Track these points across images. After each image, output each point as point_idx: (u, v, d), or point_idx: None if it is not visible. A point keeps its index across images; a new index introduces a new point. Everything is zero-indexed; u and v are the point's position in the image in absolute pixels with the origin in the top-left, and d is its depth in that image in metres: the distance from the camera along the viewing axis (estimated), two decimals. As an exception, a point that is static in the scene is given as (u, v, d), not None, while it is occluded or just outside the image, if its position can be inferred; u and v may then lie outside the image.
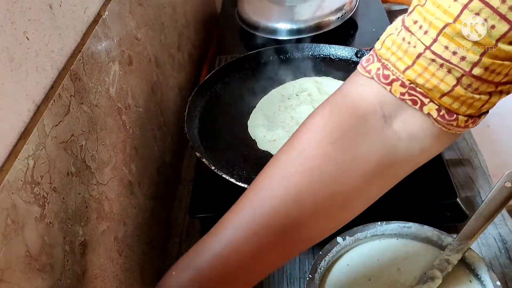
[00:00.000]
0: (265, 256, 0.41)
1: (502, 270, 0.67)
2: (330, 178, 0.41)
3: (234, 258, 0.40)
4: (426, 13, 0.38)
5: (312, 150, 0.41)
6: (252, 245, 0.40)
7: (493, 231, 0.72)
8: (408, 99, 0.39)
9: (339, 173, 0.41)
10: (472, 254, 0.58)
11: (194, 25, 1.07)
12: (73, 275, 0.48)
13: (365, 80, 0.42)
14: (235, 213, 0.43)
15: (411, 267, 0.60)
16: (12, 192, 0.40)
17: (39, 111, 0.45)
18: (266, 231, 0.40)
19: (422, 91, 0.39)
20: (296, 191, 0.40)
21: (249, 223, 0.41)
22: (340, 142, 0.41)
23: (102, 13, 0.60)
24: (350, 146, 0.41)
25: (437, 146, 0.44)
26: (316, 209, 0.41)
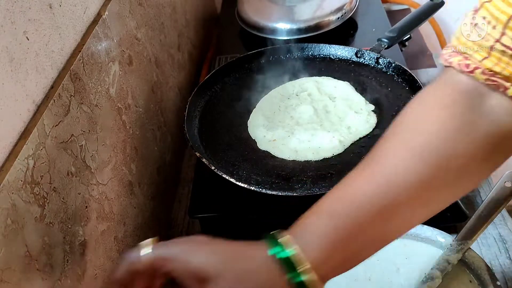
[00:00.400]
0: (401, 210, 0.43)
1: (502, 270, 0.67)
2: (448, 140, 0.43)
3: (370, 208, 0.42)
4: (493, 8, 0.41)
5: (427, 116, 0.44)
6: (388, 199, 0.42)
7: (493, 231, 0.72)
8: (491, 84, 0.42)
9: (456, 136, 0.43)
10: (472, 254, 0.58)
11: (194, 25, 1.07)
12: (73, 275, 0.48)
13: (451, 71, 0.45)
14: (363, 175, 0.44)
15: (411, 267, 0.60)
16: (12, 192, 0.40)
17: (39, 111, 0.45)
18: (400, 187, 0.42)
19: (502, 77, 0.42)
20: (421, 150, 0.42)
21: (383, 179, 0.42)
22: (451, 109, 0.43)
23: (102, 13, 0.60)
24: (460, 113, 0.43)
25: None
26: (439, 165, 0.43)
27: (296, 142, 0.73)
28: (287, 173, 0.69)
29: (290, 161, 0.71)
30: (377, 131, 0.73)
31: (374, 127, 0.74)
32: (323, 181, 0.66)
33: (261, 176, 0.68)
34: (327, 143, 0.72)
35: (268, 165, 0.70)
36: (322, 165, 0.70)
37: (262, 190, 0.64)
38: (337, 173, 0.67)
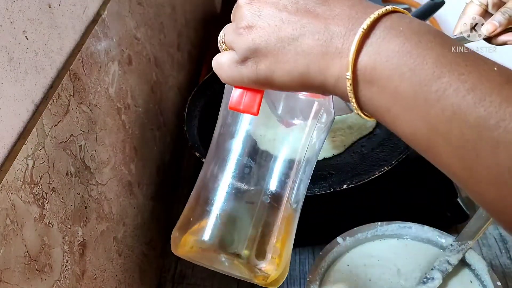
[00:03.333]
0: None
1: (503, 270, 0.67)
2: None
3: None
4: None
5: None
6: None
7: (493, 231, 0.72)
8: None
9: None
10: (473, 254, 0.58)
11: (194, 24, 1.07)
12: (72, 276, 0.48)
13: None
14: None
15: (412, 268, 0.60)
16: (11, 192, 0.39)
17: (38, 111, 0.45)
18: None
19: None
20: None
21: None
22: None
23: (101, 13, 0.60)
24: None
25: None
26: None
27: (296, 142, 0.72)
28: (287, 173, 0.68)
29: (290, 161, 0.71)
30: (377, 131, 0.73)
31: (374, 127, 0.74)
32: (323, 181, 0.66)
33: (261, 176, 0.68)
34: (327, 143, 0.72)
35: (268, 165, 0.70)
36: (322, 165, 0.69)
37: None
38: (337, 173, 0.67)
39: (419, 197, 0.70)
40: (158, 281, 0.73)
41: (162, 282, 0.73)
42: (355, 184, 0.63)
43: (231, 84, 0.39)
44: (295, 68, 0.33)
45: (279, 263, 0.44)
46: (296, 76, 0.34)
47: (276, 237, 0.43)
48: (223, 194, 0.44)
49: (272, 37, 0.34)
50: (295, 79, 0.34)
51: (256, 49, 0.34)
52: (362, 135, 0.73)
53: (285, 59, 0.33)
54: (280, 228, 0.44)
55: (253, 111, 0.39)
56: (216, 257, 0.43)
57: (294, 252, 0.73)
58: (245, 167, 0.44)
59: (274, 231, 0.43)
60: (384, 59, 0.30)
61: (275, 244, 0.43)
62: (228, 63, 0.37)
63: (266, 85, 0.36)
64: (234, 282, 0.71)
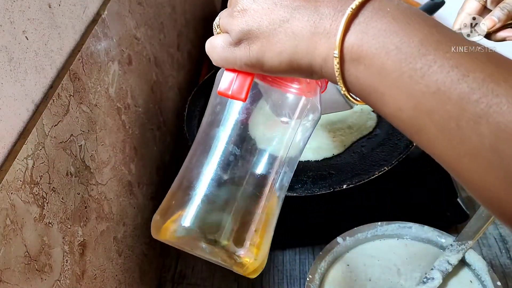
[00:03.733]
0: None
1: (503, 270, 0.67)
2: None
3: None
4: None
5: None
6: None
7: (493, 231, 0.72)
8: None
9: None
10: (473, 254, 0.58)
11: (194, 24, 1.07)
12: (72, 276, 0.48)
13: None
14: None
15: (412, 268, 0.60)
16: (11, 192, 0.39)
17: (38, 111, 0.45)
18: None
19: None
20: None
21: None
22: None
23: (101, 13, 0.60)
24: None
25: None
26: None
27: (296, 142, 0.72)
28: (287, 173, 0.69)
29: (290, 161, 0.71)
30: (377, 131, 0.73)
31: (374, 127, 0.74)
32: (323, 181, 0.66)
33: (261, 176, 0.68)
34: (327, 143, 0.72)
35: (268, 165, 0.70)
36: (322, 165, 0.69)
37: (262, 190, 0.64)
38: (337, 173, 0.67)
39: (419, 197, 0.70)
40: (158, 281, 0.73)
41: (162, 282, 0.73)
42: (355, 184, 0.63)
43: (223, 66, 0.40)
44: (284, 50, 0.34)
45: (258, 252, 0.44)
46: (285, 57, 0.34)
47: (256, 226, 0.43)
48: (206, 180, 0.44)
49: (264, 19, 0.35)
50: (284, 61, 0.35)
51: (249, 30, 0.35)
52: (362, 135, 0.73)
53: (275, 40, 0.34)
54: (260, 217, 0.44)
55: (241, 97, 0.40)
56: (197, 243, 0.43)
57: (294, 252, 0.73)
58: (230, 154, 0.44)
59: (254, 219, 0.43)
60: (371, 38, 0.31)
61: (255, 233, 0.43)
62: (221, 45, 0.38)
63: (257, 67, 0.37)
64: (234, 282, 0.71)
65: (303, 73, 0.36)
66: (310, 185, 0.65)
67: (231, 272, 0.72)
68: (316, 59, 0.33)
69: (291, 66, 0.35)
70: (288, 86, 0.43)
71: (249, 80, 0.40)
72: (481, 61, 0.28)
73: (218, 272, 0.73)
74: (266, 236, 0.45)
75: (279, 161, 0.45)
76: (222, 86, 0.40)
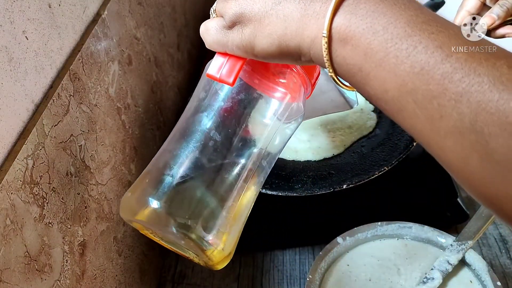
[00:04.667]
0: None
1: (503, 270, 0.67)
2: None
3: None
4: None
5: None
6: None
7: (493, 231, 0.72)
8: None
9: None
10: (473, 254, 0.58)
11: (194, 24, 1.07)
12: (72, 276, 0.48)
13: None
14: None
15: (411, 268, 0.60)
16: (11, 192, 0.39)
17: (38, 111, 0.45)
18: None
19: None
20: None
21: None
22: None
23: (101, 13, 0.60)
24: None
25: None
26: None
27: (296, 142, 0.72)
28: (287, 173, 0.68)
29: (290, 161, 0.71)
30: (377, 131, 0.73)
31: (374, 127, 0.74)
32: (323, 181, 0.66)
33: (261, 176, 0.68)
34: (327, 143, 0.72)
35: (268, 165, 0.70)
36: (322, 165, 0.69)
37: (262, 190, 0.64)
38: (337, 173, 0.67)
39: (419, 197, 0.70)
40: (158, 281, 0.73)
41: (162, 282, 0.73)
42: (355, 184, 0.63)
43: (216, 49, 0.40)
44: (275, 31, 0.35)
45: (226, 241, 0.43)
46: (274, 39, 0.35)
47: (227, 213, 0.43)
48: (182, 162, 0.44)
49: (257, 2, 0.36)
50: (274, 43, 0.35)
51: (242, 13, 0.36)
52: (362, 135, 0.73)
53: (267, 23, 0.35)
54: (233, 205, 0.44)
55: (229, 81, 0.40)
56: (165, 225, 0.42)
57: (294, 252, 0.73)
58: (209, 140, 0.44)
59: (226, 207, 0.43)
60: (359, 18, 0.31)
61: (225, 220, 0.43)
62: (215, 27, 0.39)
63: (248, 50, 0.37)
64: (234, 282, 0.71)
65: (292, 56, 0.36)
66: (310, 185, 0.65)
67: (231, 272, 0.73)
68: (305, 40, 0.34)
69: (281, 48, 0.36)
70: (273, 90, 0.44)
71: (239, 65, 0.40)
72: (465, 42, 0.29)
73: (218, 272, 0.73)
74: (235, 227, 0.44)
75: (257, 154, 0.45)
76: (211, 69, 0.41)
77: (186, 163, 0.43)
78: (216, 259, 0.43)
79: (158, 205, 0.42)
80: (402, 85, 0.30)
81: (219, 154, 0.44)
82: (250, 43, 0.37)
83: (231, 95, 0.44)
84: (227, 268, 0.73)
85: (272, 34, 0.35)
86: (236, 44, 0.38)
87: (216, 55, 0.41)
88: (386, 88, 0.31)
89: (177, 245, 0.45)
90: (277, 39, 0.35)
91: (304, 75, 0.45)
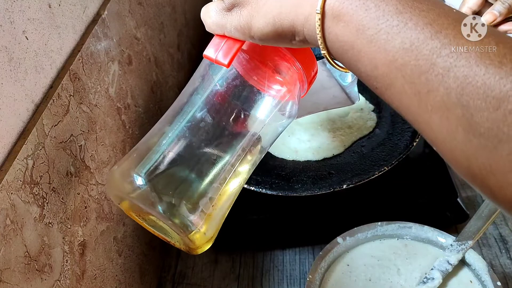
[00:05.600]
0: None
1: (503, 271, 0.67)
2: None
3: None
4: None
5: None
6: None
7: (493, 231, 0.72)
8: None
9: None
10: (473, 254, 0.58)
11: (194, 24, 1.07)
12: (72, 276, 0.48)
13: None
14: None
15: (412, 268, 0.60)
16: (11, 192, 0.39)
17: (38, 111, 0.45)
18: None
19: None
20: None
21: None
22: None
23: (101, 13, 0.60)
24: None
25: None
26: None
27: (296, 142, 0.72)
28: (287, 173, 0.68)
29: (290, 161, 0.71)
30: (377, 131, 0.73)
31: (374, 126, 0.74)
32: (323, 181, 0.66)
33: (261, 176, 0.68)
34: (327, 143, 0.72)
35: (268, 165, 0.70)
36: (322, 165, 0.69)
37: (262, 190, 0.64)
38: (337, 173, 0.67)
39: (419, 197, 0.70)
40: (158, 281, 0.73)
41: (162, 282, 0.73)
42: (355, 184, 0.63)
43: (215, 31, 0.42)
44: (270, 11, 0.36)
45: (208, 222, 0.43)
46: (270, 19, 0.36)
47: (212, 194, 0.43)
48: (171, 140, 0.44)
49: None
50: (269, 23, 0.36)
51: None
52: (362, 135, 0.73)
53: (263, 3, 0.37)
54: (218, 187, 0.44)
55: (225, 62, 0.40)
56: (148, 201, 0.42)
57: (294, 252, 0.73)
58: (201, 120, 0.44)
59: (211, 188, 0.43)
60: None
61: (209, 202, 0.43)
62: (215, 10, 0.41)
63: (246, 32, 0.39)
64: (234, 282, 0.71)
65: (286, 36, 0.37)
66: (310, 185, 0.65)
67: (231, 272, 0.73)
68: (299, 17, 0.35)
69: (275, 27, 0.36)
70: (269, 87, 0.44)
71: (236, 48, 0.40)
72: (454, 19, 0.30)
73: (218, 272, 0.73)
74: (219, 211, 0.44)
75: (247, 142, 0.45)
76: (209, 50, 0.42)
77: (174, 141, 0.44)
78: (198, 242, 0.43)
79: (142, 181, 0.42)
80: (392, 61, 0.31)
81: (208, 136, 0.44)
82: (247, 24, 0.38)
83: (227, 81, 0.45)
84: (227, 268, 0.73)
85: (268, 14, 0.36)
86: (234, 25, 0.39)
87: (215, 37, 0.42)
88: (376, 64, 0.32)
89: (160, 227, 0.45)
90: (272, 19, 0.36)
91: (302, 72, 0.45)
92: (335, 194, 0.63)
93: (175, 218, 0.41)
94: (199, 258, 0.75)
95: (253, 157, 0.46)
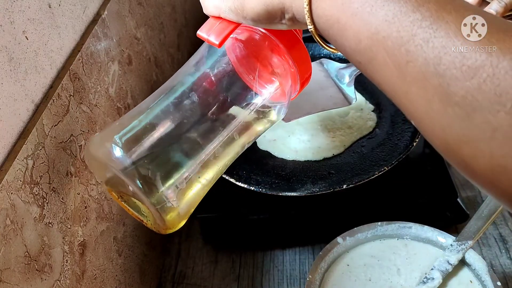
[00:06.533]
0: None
1: (503, 270, 0.67)
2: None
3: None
4: None
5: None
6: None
7: (493, 231, 0.72)
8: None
9: None
10: (473, 254, 0.58)
11: (194, 24, 1.07)
12: (72, 276, 0.48)
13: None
14: None
15: (411, 268, 0.60)
16: (11, 192, 0.39)
17: (38, 111, 0.45)
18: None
19: None
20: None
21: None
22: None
23: (101, 13, 0.60)
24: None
25: None
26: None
27: (296, 142, 0.72)
28: (287, 173, 0.68)
29: (290, 161, 0.71)
30: (377, 131, 0.73)
31: (374, 127, 0.74)
32: (323, 181, 0.66)
33: (261, 176, 0.68)
34: (327, 143, 0.72)
35: (268, 165, 0.70)
36: (322, 165, 0.69)
37: (262, 190, 0.64)
38: (337, 173, 0.67)
39: (419, 197, 0.70)
40: (158, 281, 0.73)
41: (162, 282, 0.73)
42: (355, 184, 0.63)
43: (211, 12, 0.42)
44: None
45: (182, 200, 0.43)
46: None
47: (189, 173, 0.43)
48: (155, 113, 0.44)
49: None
50: (261, 2, 0.38)
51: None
52: (362, 135, 0.73)
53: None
54: (195, 167, 0.44)
55: (216, 42, 0.41)
56: (124, 168, 0.41)
57: (294, 252, 0.73)
58: (187, 98, 0.45)
59: (188, 165, 0.43)
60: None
61: (184, 179, 0.43)
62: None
63: (239, 12, 0.40)
64: (234, 282, 0.71)
65: (276, 15, 0.38)
66: (310, 185, 0.65)
67: (231, 272, 0.73)
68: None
69: (266, 6, 0.38)
70: (260, 78, 0.44)
71: (229, 29, 0.41)
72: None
73: (218, 272, 0.73)
74: (194, 190, 0.45)
75: (234, 124, 0.46)
76: (202, 29, 0.42)
77: (158, 115, 0.44)
78: (169, 218, 0.43)
79: (120, 151, 0.42)
80: (374, 33, 0.31)
81: (192, 115, 0.45)
82: (241, 4, 0.39)
83: (218, 66, 0.46)
84: (227, 268, 0.73)
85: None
86: (228, 6, 0.40)
87: (210, 18, 0.43)
88: (360, 38, 0.32)
89: (133, 203, 0.45)
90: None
91: (296, 70, 0.46)
92: (335, 194, 0.63)
93: (147, 196, 0.41)
94: (199, 258, 0.75)
95: (235, 144, 0.47)
